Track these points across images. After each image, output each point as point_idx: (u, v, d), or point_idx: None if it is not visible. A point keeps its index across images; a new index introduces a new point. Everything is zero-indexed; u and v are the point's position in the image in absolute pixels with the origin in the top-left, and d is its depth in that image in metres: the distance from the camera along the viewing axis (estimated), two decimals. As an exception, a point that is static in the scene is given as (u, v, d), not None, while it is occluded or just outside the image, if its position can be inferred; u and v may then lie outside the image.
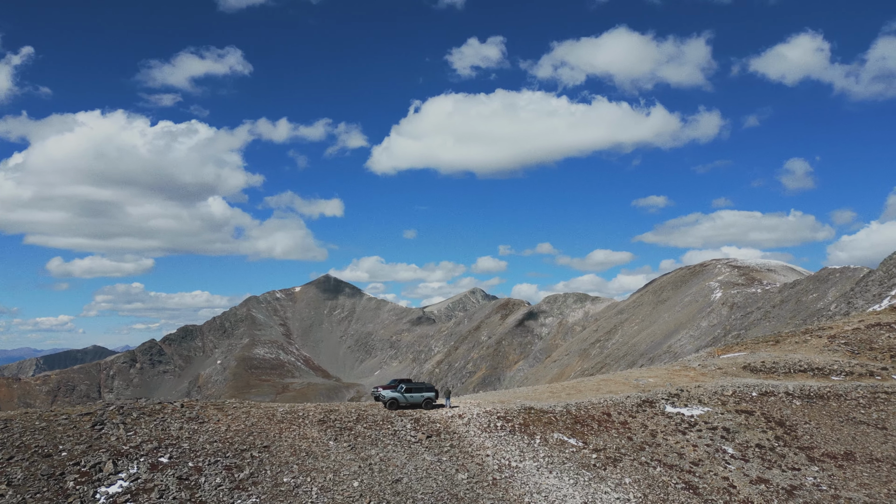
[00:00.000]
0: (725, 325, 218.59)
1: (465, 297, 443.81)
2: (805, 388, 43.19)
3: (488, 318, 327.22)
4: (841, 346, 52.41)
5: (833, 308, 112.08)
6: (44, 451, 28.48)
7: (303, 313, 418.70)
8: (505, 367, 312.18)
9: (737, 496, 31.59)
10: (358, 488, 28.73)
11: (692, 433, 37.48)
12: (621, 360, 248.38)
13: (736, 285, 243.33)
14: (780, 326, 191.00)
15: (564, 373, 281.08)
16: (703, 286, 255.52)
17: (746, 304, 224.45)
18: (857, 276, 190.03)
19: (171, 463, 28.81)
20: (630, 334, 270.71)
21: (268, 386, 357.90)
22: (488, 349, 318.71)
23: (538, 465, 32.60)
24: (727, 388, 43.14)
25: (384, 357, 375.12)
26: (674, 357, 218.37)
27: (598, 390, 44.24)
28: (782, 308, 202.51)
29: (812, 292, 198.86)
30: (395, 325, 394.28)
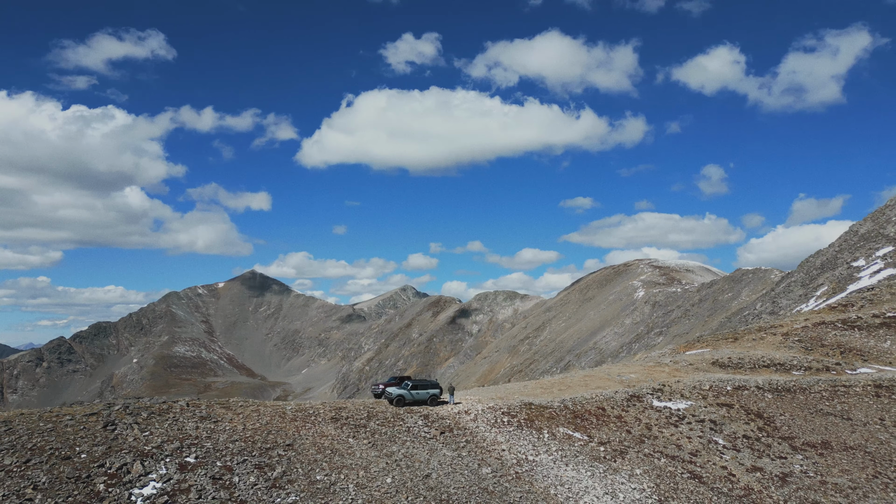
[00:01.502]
0: (648, 322, 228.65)
1: (396, 295, 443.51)
2: (773, 382, 46.66)
3: (420, 316, 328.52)
4: (795, 343, 56.72)
5: (759, 307, 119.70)
6: (61, 453, 27.44)
7: (226, 310, 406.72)
8: (436, 364, 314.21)
9: (737, 483, 34.06)
10: (392, 484, 29.21)
11: (683, 426, 39.92)
12: (549, 356, 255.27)
13: (657, 284, 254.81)
14: (698, 324, 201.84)
15: (494, 369, 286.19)
16: (627, 285, 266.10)
17: (667, 302, 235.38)
18: (767, 277, 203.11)
19: (198, 463, 28.37)
20: (558, 331, 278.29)
21: (189, 385, 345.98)
22: (419, 346, 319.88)
23: (554, 459, 34.01)
24: (704, 382, 46.02)
25: (312, 355, 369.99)
26: (600, 353, 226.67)
27: (587, 386, 46.18)
28: (700, 306, 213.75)
29: (727, 292, 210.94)
30: (324, 323, 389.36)
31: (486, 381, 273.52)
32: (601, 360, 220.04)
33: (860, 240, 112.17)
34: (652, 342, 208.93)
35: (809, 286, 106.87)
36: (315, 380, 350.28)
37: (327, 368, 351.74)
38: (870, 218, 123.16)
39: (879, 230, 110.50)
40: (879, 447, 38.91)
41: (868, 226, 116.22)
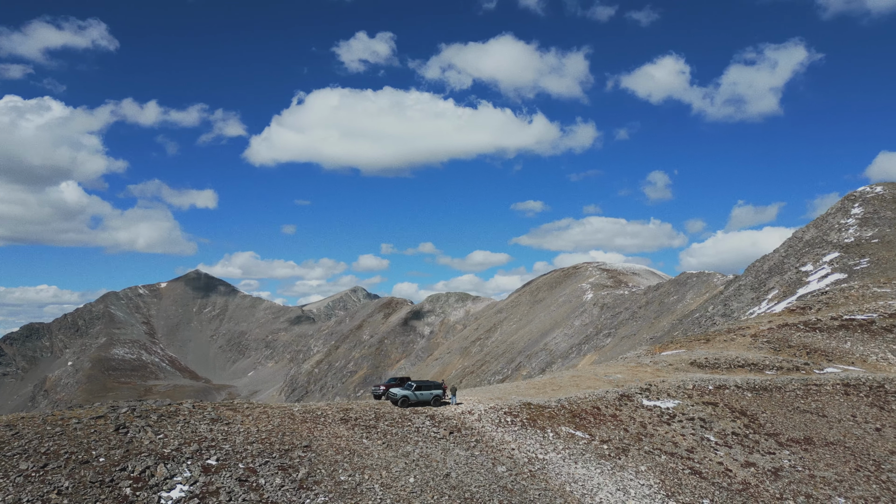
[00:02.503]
0: (597, 324, 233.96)
1: (346, 296, 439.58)
2: (750, 381, 48.87)
3: (371, 317, 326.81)
4: (764, 344, 59.44)
5: (710, 310, 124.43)
6: (78, 457, 26.60)
7: (169, 311, 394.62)
8: (387, 366, 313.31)
9: (735, 478, 35.64)
10: (416, 484, 29.42)
11: (675, 424, 41.42)
12: (500, 357, 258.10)
13: (605, 287, 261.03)
14: (645, 326, 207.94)
15: (446, 370, 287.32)
16: (576, 287, 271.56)
17: (615, 304, 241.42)
18: (710, 281, 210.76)
19: (221, 465, 27.93)
20: (509, 332, 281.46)
21: (128, 389, 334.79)
22: (370, 348, 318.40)
23: (562, 457, 34.83)
24: (687, 382, 47.81)
25: (259, 357, 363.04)
26: (550, 354, 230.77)
27: (578, 386, 47.28)
28: (647, 309, 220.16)
29: (673, 294, 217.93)
30: (272, 324, 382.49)
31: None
32: (551, 361, 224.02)
33: (805, 245, 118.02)
34: (601, 343, 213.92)
35: (760, 290, 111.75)
36: (262, 382, 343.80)
37: (275, 371, 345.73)
38: (813, 225, 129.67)
39: (823, 237, 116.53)
40: (857, 442, 41.33)
41: (812, 232, 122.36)
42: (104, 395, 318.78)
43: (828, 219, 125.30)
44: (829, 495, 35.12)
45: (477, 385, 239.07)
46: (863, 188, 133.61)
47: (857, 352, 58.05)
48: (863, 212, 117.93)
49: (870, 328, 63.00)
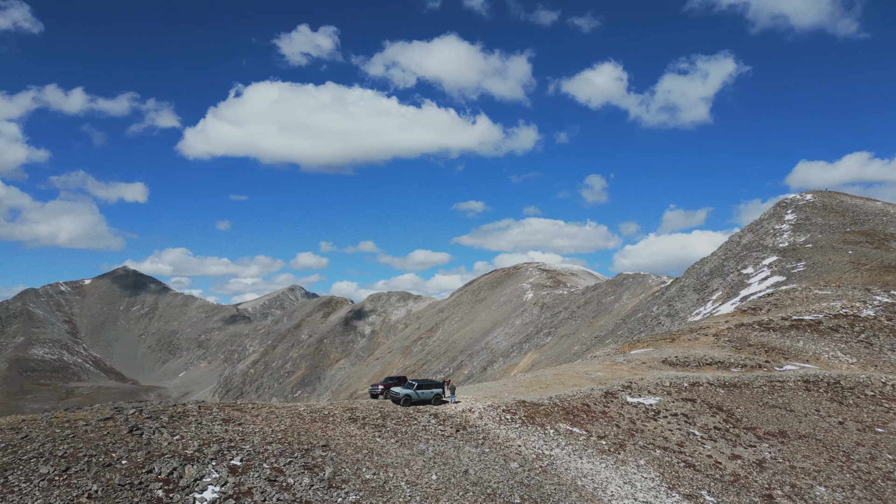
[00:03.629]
0: (537, 323, 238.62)
1: (283, 295, 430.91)
2: (720, 378, 51.40)
3: (310, 316, 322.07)
4: (726, 343, 62.50)
5: (655, 310, 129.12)
6: (99, 460, 25.71)
7: (93, 309, 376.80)
8: (326, 366, 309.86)
9: (725, 470, 37.54)
10: (439, 480, 29.72)
11: (661, 419, 43.18)
12: (442, 356, 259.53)
13: (545, 287, 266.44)
14: (584, 325, 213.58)
15: (387, 370, 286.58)
16: (517, 287, 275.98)
17: (555, 304, 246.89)
18: (645, 282, 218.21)
19: (246, 465, 27.49)
20: (450, 332, 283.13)
21: (48, 391, 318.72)
22: (309, 348, 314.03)
23: (567, 452, 35.84)
24: (664, 380, 49.83)
25: (191, 357, 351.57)
26: (491, 353, 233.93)
27: (563, 384, 48.52)
28: (586, 308, 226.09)
29: (610, 295, 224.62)
30: (205, 324, 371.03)
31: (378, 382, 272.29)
32: (493, 360, 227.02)
33: (743, 249, 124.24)
34: (541, 342, 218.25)
35: (703, 291, 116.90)
36: (194, 384, 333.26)
37: (208, 371, 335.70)
38: (748, 230, 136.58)
39: (760, 241, 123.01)
40: (826, 435, 44.21)
41: (749, 237, 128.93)
42: (22, 398, 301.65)
43: (763, 224, 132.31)
44: (810, 485, 37.50)
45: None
46: (794, 195, 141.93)
47: (810, 350, 61.91)
48: (796, 218, 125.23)
49: (818, 328, 67.23)
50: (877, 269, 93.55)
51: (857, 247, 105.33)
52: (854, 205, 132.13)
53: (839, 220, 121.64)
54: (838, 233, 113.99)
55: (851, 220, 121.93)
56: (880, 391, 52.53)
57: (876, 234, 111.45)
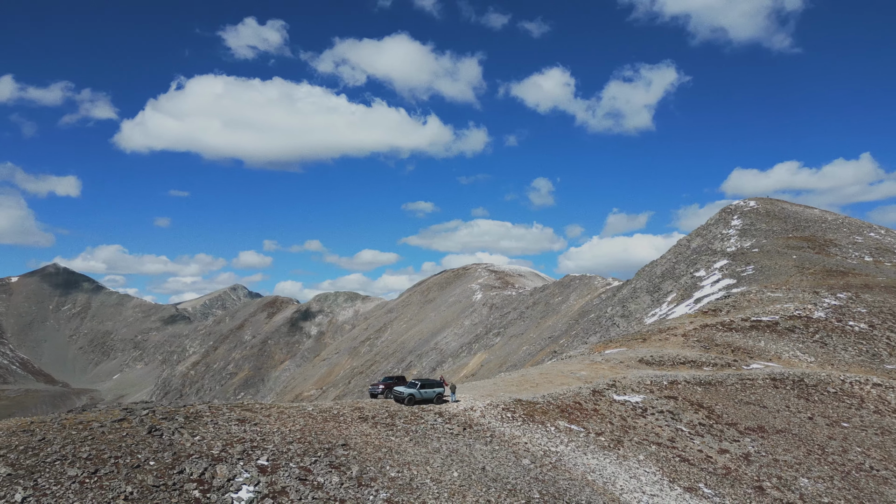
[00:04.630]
0: (486, 323, 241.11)
1: (225, 294, 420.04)
2: (696, 377, 53.52)
3: (253, 317, 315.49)
4: (695, 343, 65.02)
5: (609, 311, 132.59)
6: (126, 461, 25.08)
7: (20, 308, 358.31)
8: (270, 367, 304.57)
9: (717, 464, 39.22)
10: (460, 477, 30.08)
11: (649, 416, 44.69)
12: (391, 357, 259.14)
13: (494, 288, 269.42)
14: (532, 325, 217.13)
15: (333, 371, 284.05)
16: (466, 288, 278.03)
17: (504, 305, 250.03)
18: (591, 283, 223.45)
19: (274, 465, 27.20)
20: (399, 332, 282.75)
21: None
22: (252, 349, 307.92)
23: (571, 449, 36.75)
24: (645, 378, 51.54)
25: (126, 359, 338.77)
26: (441, 354, 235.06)
27: (552, 382, 49.54)
28: (534, 309, 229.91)
29: (558, 296, 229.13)
30: (142, 324, 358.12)
31: (324, 384, 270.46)
32: (442, 361, 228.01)
33: (693, 253, 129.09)
34: (490, 343, 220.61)
35: (656, 293, 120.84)
36: (129, 386, 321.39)
37: (145, 373, 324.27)
38: (696, 234, 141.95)
39: (708, 245, 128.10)
40: (800, 430, 46.70)
41: (698, 241, 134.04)
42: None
43: (710, 229, 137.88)
44: (794, 476, 39.62)
45: (366, 386, 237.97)
46: (738, 202, 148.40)
47: (772, 350, 65.13)
48: (741, 223, 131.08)
49: (776, 329, 70.75)
50: (820, 273, 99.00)
51: (800, 252, 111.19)
52: (794, 212, 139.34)
53: (782, 226, 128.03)
54: (782, 238, 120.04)
55: (793, 226, 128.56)
56: (840, 388, 55.79)
57: (816, 240, 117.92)
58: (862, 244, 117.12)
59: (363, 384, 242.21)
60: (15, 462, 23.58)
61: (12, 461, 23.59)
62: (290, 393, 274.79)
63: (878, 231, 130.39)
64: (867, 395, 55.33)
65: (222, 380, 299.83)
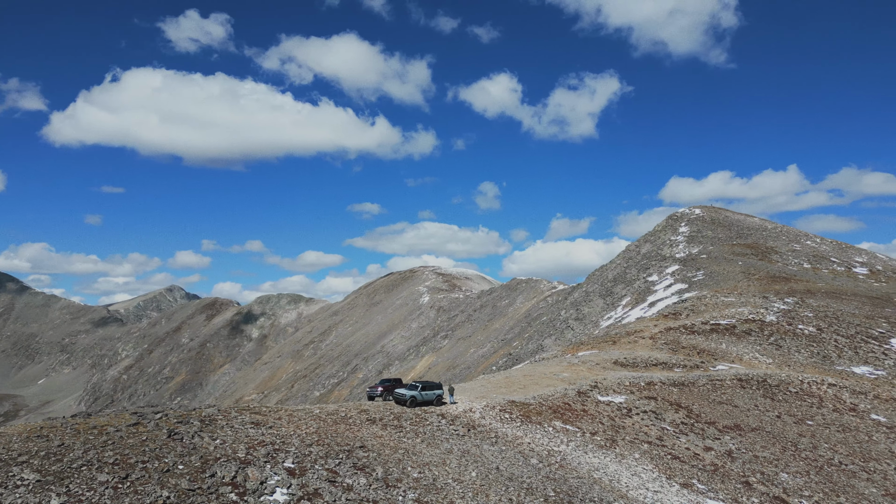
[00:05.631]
0: (434, 326, 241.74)
1: (160, 295, 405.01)
2: (670, 378, 55.46)
3: (191, 319, 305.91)
4: (663, 346, 67.23)
5: (563, 314, 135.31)
6: (154, 465, 24.40)
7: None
8: (209, 371, 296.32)
9: (704, 461, 40.81)
10: (479, 477, 30.37)
11: (635, 416, 46.07)
12: (336, 360, 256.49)
13: (441, 291, 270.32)
14: (479, 328, 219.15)
15: (276, 375, 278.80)
16: (413, 291, 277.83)
17: (451, 307, 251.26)
18: (538, 287, 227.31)
19: (301, 467, 26.86)
20: (345, 335, 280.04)
21: None
22: (190, 352, 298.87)
23: (572, 448, 37.57)
24: (623, 379, 53.07)
25: (53, 363, 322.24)
26: (387, 356, 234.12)
27: (538, 384, 50.35)
28: (482, 312, 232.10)
29: (505, 298, 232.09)
30: (70, 326, 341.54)
31: (266, 388, 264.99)
32: (389, 364, 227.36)
33: (643, 258, 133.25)
34: (438, 345, 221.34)
35: (609, 297, 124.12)
36: (56, 391, 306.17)
37: (73, 378, 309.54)
38: (645, 240, 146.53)
39: (658, 251, 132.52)
40: (772, 427, 49.07)
41: (647, 247, 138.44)
42: None
43: (659, 235, 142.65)
44: (775, 472, 41.65)
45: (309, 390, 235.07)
46: (683, 210, 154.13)
47: (734, 352, 68.10)
48: (689, 230, 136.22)
49: (734, 332, 74.00)
50: (765, 279, 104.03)
51: (745, 258, 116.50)
52: (737, 220, 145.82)
53: (726, 234, 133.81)
54: (727, 245, 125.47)
55: (736, 233, 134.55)
56: (800, 388, 58.88)
57: (759, 247, 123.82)
58: (800, 252, 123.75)
59: (307, 388, 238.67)
60: (41, 468, 22.45)
61: (38, 467, 22.45)
62: (230, 397, 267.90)
63: (814, 239, 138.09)
64: (825, 395, 58.58)
65: (157, 384, 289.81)
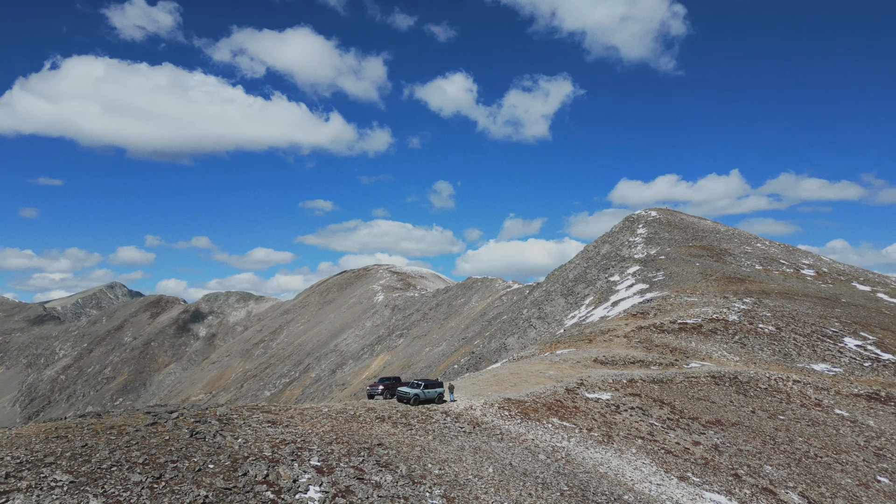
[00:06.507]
0: (388, 325, 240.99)
1: (101, 292, 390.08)
2: (649, 375, 56.89)
3: (135, 317, 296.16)
4: (637, 344, 68.86)
5: (525, 313, 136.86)
6: (186, 465, 23.93)
7: None
8: (153, 372, 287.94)
9: (695, 455, 42.08)
10: (496, 473, 30.64)
11: (624, 413, 47.10)
12: (287, 359, 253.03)
13: (396, 289, 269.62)
14: (435, 327, 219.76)
15: (224, 374, 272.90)
16: (367, 289, 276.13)
17: (406, 306, 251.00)
18: (493, 286, 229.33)
19: (328, 465, 26.58)
20: (296, 334, 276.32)
21: None
22: (133, 352, 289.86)
23: (574, 444, 38.22)
24: (607, 377, 54.17)
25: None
26: (340, 355, 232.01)
27: (527, 382, 50.89)
28: (437, 310, 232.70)
29: (460, 297, 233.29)
30: (4, 324, 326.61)
31: (215, 388, 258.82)
32: (342, 363, 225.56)
33: (603, 259, 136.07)
34: (393, 344, 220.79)
35: (571, 296, 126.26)
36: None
37: (6, 379, 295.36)
38: (603, 241, 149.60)
39: (617, 252, 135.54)
40: (750, 422, 50.95)
41: (607, 247, 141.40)
42: None
43: (617, 236, 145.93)
44: (760, 465, 43.30)
45: (260, 390, 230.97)
46: (640, 212, 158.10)
47: (703, 350, 70.38)
48: (647, 232, 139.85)
49: (701, 330, 76.47)
50: (722, 280, 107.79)
51: (701, 259, 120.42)
52: (691, 222, 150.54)
53: (682, 236, 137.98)
54: (684, 247, 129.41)
55: (692, 235, 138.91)
56: (769, 385, 61.28)
57: (714, 249, 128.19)
58: (752, 254, 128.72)
59: (257, 388, 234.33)
60: (70, 469, 21.52)
61: (67, 468, 21.50)
62: (176, 398, 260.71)
63: (764, 242, 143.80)
64: (791, 391, 61.14)
65: (97, 385, 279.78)
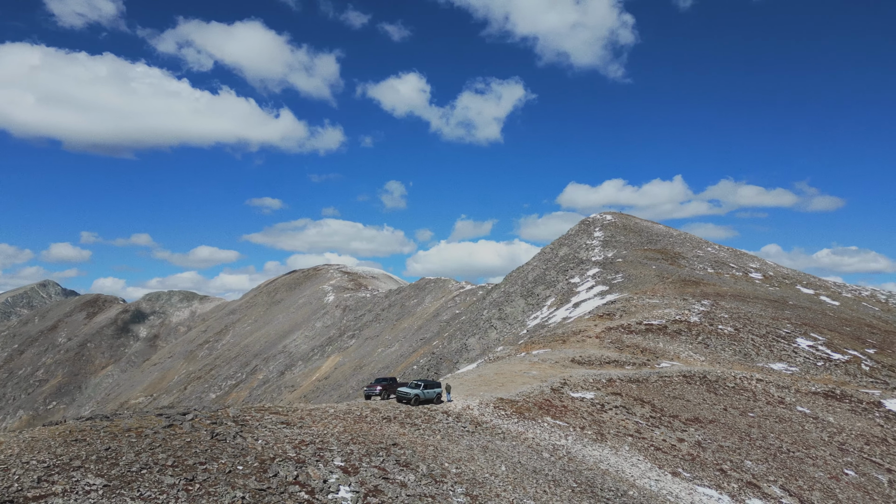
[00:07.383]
0: (339, 325, 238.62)
1: (32, 291, 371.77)
2: (626, 375, 58.14)
3: (69, 317, 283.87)
4: (609, 344, 70.18)
5: (486, 314, 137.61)
6: (215, 467, 23.52)
7: None
8: (89, 374, 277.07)
9: (681, 451, 43.24)
10: (509, 471, 30.84)
11: (610, 411, 47.99)
12: (233, 360, 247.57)
13: (347, 290, 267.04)
14: (388, 327, 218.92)
15: (167, 376, 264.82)
16: (318, 289, 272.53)
17: (358, 306, 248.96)
18: (446, 286, 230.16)
19: (353, 465, 26.26)
20: (243, 335, 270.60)
21: None
22: (68, 353, 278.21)
23: (572, 442, 38.78)
24: (588, 377, 55.08)
25: None
26: (290, 357, 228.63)
27: (513, 382, 51.22)
28: (390, 311, 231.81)
29: (413, 298, 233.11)
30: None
31: (156, 390, 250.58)
32: (292, 364, 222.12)
33: (562, 261, 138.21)
34: (345, 345, 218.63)
35: (531, 297, 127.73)
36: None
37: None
38: (561, 243, 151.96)
39: (575, 254, 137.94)
40: (725, 419, 52.67)
41: (565, 250, 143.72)
42: None
43: (574, 239, 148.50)
44: (741, 460, 44.84)
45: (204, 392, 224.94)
46: (594, 215, 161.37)
47: (671, 350, 72.37)
48: (603, 235, 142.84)
49: (666, 331, 78.62)
50: (678, 282, 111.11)
51: (657, 262, 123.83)
52: (645, 226, 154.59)
53: (637, 239, 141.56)
54: (639, 250, 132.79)
55: (647, 239, 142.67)
56: (736, 383, 63.51)
57: (668, 253, 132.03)
58: (703, 257, 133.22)
59: (202, 390, 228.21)
60: (101, 472, 20.56)
61: (97, 472, 20.52)
62: (114, 401, 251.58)
63: (714, 246, 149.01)
64: (756, 389, 63.52)
65: (29, 387, 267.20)
